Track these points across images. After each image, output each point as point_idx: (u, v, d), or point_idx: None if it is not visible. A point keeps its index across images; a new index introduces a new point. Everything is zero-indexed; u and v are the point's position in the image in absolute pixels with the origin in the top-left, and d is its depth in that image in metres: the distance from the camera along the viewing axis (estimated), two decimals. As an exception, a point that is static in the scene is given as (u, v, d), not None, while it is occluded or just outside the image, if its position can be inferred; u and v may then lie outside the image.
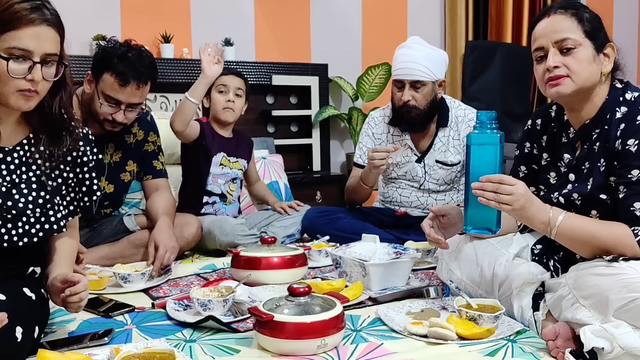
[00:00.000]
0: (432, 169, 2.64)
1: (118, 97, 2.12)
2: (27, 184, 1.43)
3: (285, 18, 4.23)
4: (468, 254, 1.79)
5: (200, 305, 1.64)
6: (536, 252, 1.72)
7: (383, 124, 2.70)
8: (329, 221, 2.60)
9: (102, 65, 2.12)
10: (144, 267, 2.01)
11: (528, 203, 1.45)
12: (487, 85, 4.55)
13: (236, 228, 2.45)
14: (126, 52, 2.12)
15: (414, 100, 2.51)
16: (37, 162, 1.45)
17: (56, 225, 1.47)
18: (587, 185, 1.53)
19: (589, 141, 1.57)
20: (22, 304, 1.40)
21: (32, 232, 1.43)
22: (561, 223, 1.45)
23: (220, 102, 2.64)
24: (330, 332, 1.41)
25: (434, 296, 1.80)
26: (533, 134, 1.75)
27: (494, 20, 4.85)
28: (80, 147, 1.54)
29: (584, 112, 1.57)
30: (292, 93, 4.27)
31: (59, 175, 1.50)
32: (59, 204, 1.49)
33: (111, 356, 1.34)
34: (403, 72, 2.50)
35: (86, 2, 3.57)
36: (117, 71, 2.09)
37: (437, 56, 2.54)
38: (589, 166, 1.55)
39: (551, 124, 1.70)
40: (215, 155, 2.65)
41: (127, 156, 2.35)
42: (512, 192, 1.43)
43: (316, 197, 3.87)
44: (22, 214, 1.41)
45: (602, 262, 1.39)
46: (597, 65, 1.53)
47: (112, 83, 2.10)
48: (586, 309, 1.37)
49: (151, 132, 2.42)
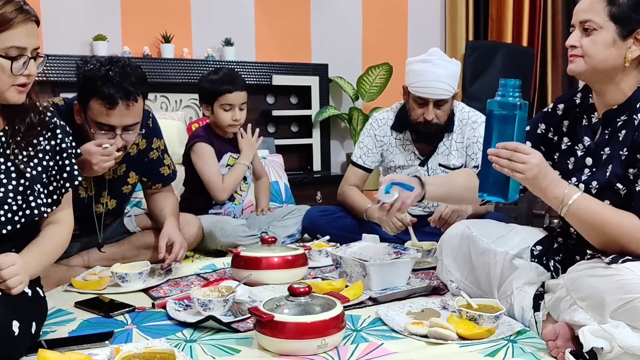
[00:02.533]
0: (435, 173, 2.62)
1: (110, 122, 1.93)
2: (7, 174, 1.49)
3: (285, 18, 4.23)
4: (464, 255, 1.79)
5: (201, 305, 1.64)
6: (536, 253, 1.72)
7: (387, 126, 2.67)
8: (329, 221, 2.60)
9: (86, 92, 1.93)
10: (143, 266, 2.01)
11: (541, 174, 1.44)
12: (488, 86, 4.54)
13: (237, 229, 2.44)
14: (108, 71, 1.92)
15: (436, 118, 2.48)
16: (14, 152, 1.50)
17: (37, 211, 1.52)
18: (606, 173, 1.52)
19: (612, 127, 1.55)
20: (18, 299, 1.41)
21: (15, 219, 1.49)
22: (574, 202, 1.44)
23: (227, 120, 2.63)
24: (330, 332, 1.41)
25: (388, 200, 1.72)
26: (552, 117, 1.73)
27: (495, 20, 4.85)
28: (58, 135, 1.60)
29: (609, 97, 1.56)
30: (293, 93, 4.27)
31: (38, 164, 1.55)
32: (39, 191, 1.54)
33: (111, 356, 1.35)
34: (429, 92, 2.43)
35: (86, 2, 3.57)
36: (102, 94, 1.89)
37: (456, 70, 2.50)
38: (609, 152, 1.53)
39: (575, 109, 1.69)
40: (221, 158, 2.67)
41: (130, 168, 2.20)
42: (525, 161, 1.42)
43: (316, 197, 3.87)
44: (3, 202, 1.47)
45: (600, 264, 1.39)
46: (618, 50, 1.50)
47: (99, 108, 1.91)
48: (583, 311, 1.37)
49: (154, 138, 2.25)
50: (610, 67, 1.51)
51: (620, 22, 1.49)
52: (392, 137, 2.66)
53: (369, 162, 2.68)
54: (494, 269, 1.69)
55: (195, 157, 2.62)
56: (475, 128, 2.56)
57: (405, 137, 2.64)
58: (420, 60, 2.49)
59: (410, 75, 2.49)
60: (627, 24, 1.49)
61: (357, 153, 2.72)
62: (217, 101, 2.61)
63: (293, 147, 4.17)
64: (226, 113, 2.62)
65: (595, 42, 1.50)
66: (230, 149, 2.71)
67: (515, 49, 4.76)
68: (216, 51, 3.95)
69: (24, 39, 1.41)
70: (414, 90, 2.47)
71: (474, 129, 2.56)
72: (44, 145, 1.57)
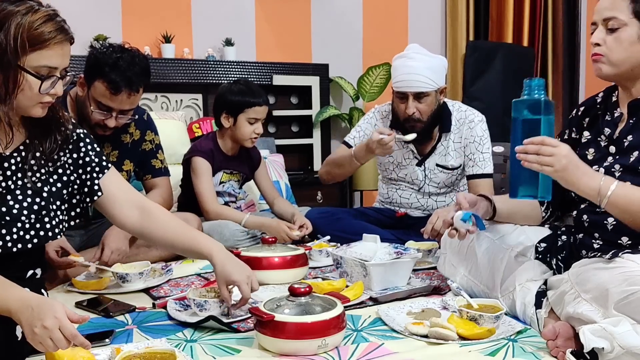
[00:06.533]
0: (432, 173, 2.62)
1: (109, 104, 2.10)
2: (22, 190, 1.42)
3: (286, 18, 4.23)
4: (469, 249, 1.79)
5: (197, 305, 1.63)
6: (540, 250, 1.72)
7: (387, 120, 2.66)
8: (330, 222, 2.60)
9: (94, 72, 2.09)
10: (143, 266, 2.01)
11: (572, 165, 1.43)
12: (488, 86, 4.55)
13: (236, 233, 2.44)
14: (118, 59, 2.08)
15: (418, 113, 2.46)
16: (32, 169, 1.45)
17: (51, 232, 1.46)
18: (630, 158, 1.52)
19: (636, 116, 1.56)
20: None
21: (27, 238, 1.42)
22: (613, 192, 1.43)
23: (249, 133, 2.62)
24: (331, 332, 1.41)
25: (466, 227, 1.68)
26: (574, 120, 1.75)
27: (495, 20, 4.85)
28: (82, 149, 1.54)
29: (634, 90, 1.57)
30: (293, 93, 4.27)
31: (57, 179, 1.49)
32: (55, 210, 1.48)
33: (112, 356, 1.35)
34: (405, 85, 2.44)
35: (87, 2, 3.58)
36: (108, 79, 2.06)
37: (437, 64, 2.48)
38: (632, 139, 1.54)
39: (596, 107, 1.70)
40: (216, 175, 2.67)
41: (124, 156, 2.33)
42: (553, 153, 1.41)
43: (317, 197, 3.87)
44: (16, 220, 1.40)
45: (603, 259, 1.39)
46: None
47: (103, 91, 2.08)
48: (587, 303, 1.37)
49: (148, 130, 2.40)
50: (636, 63, 1.52)
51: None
52: None
53: None
54: (498, 265, 1.69)
55: (191, 171, 2.63)
56: (473, 127, 2.55)
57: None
58: (398, 57, 2.52)
59: (392, 73, 2.53)
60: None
61: (352, 134, 2.70)
62: (243, 113, 2.59)
63: (294, 147, 4.18)
64: (250, 126, 2.61)
65: (620, 40, 1.51)
66: (229, 166, 2.70)
67: (515, 49, 4.76)
68: (217, 51, 3.96)
69: (57, 60, 1.36)
70: (394, 86, 2.50)
71: (471, 128, 2.55)
72: (65, 159, 1.51)
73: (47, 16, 1.34)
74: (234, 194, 2.77)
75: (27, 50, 1.31)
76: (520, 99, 1.51)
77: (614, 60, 1.52)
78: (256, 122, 2.62)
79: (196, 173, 2.61)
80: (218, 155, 2.67)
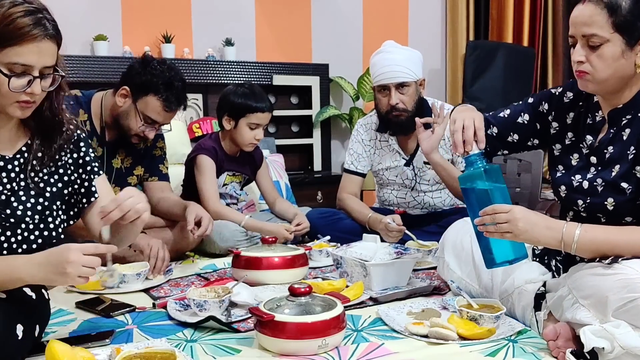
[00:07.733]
0: (421, 171, 2.64)
1: (158, 119, 2.23)
2: (25, 192, 1.42)
3: (286, 18, 4.23)
4: (466, 252, 1.79)
5: (196, 305, 1.64)
6: (537, 253, 1.72)
7: (371, 130, 2.72)
8: (330, 222, 2.61)
9: (147, 87, 2.18)
10: (141, 267, 2.01)
11: (529, 225, 1.41)
12: (489, 85, 4.55)
13: (235, 234, 2.44)
14: (172, 79, 2.20)
15: (402, 103, 2.51)
16: (35, 169, 1.44)
17: (54, 232, 1.46)
18: (612, 172, 1.50)
19: (617, 126, 1.53)
20: (23, 303, 1.40)
21: (31, 238, 1.42)
22: (579, 238, 1.41)
23: (249, 138, 2.61)
24: (331, 332, 1.41)
25: None
26: (559, 103, 1.69)
27: (495, 20, 4.86)
28: (82, 148, 1.53)
29: (616, 99, 1.53)
30: (293, 93, 4.27)
31: (59, 179, 1.49)
32: (57, 210, 1.48)
33: (112, 356, 1.34)
34: (387, 77, 2.51)
35: (87, 2, 3.58)
36: (164, 98, 2.19)
37: (415, 56, 2.57)
38: (612, 151, 1.52)
39: (579, 103, 1.65)
40: (220, 176, 2.66)
41: (137, 162, 2.41)
42: (508, 219, 1.41)
43: (317, 197, 3.87)
44: (20, 221, 1.40)
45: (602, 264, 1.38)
46: (628, 59, 1.45)
47: (156, 107, 2.20)
48: (586, 309, 1.37)
49: (160, 139, 2.49)
50: (620, 76, 1.48)
51: (626, 31, 1.43)
52: (378, 140, 2.70)
53: (361, 167, 2.72)
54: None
55: (195, 169, 2.63)
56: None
57: (390, 138, 2.66)
58: (376, 53, 2.60)
59: (371, 70, 2.59)
60: (633, 32, 1.44)
61: (348, 160, 2.75)
62: (245, 117, 2.58)
63: (294, 147, 4.18)
64: (250, 131, 2.60)
65: (603, 58, 1.45)
66: (232, 168, 2.70)
67: (515, 49, 4.76)
68: (217, 51, 3.96)
69: (32, 57, 1.28)
70: (375, 82, 2.56)
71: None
72: (66, 159, 1.50)
73: (26, 11, 1.27)
74: (236, 196, 2.77)
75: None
76: (463, 175, 1.53)
77: (600, 78, 1.47)
78: (257, 127, 2.61)
79: (200, 171, 2.60)
80: (221, 155, 2.67)
